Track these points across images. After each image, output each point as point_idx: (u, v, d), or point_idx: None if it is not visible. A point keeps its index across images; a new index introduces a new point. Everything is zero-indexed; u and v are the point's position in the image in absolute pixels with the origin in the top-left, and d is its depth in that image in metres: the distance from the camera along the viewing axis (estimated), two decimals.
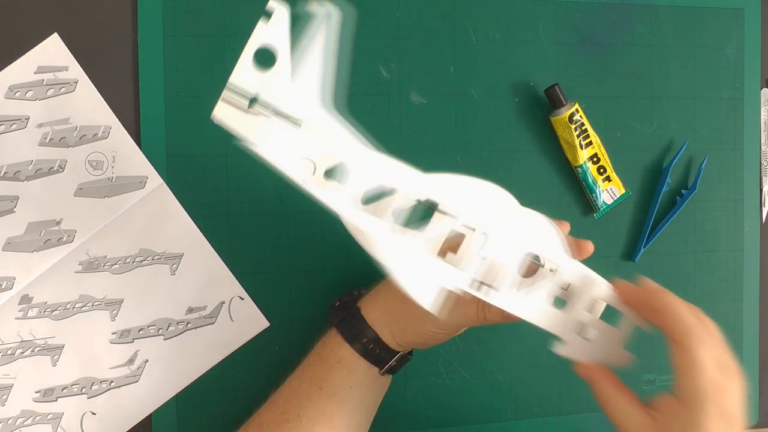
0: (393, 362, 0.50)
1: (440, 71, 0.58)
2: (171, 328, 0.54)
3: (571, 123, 0.58)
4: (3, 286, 0.51)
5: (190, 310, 0.54)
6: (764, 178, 0.65)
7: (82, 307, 0.52)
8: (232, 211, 0.55)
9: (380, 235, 0.39)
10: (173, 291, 0.54)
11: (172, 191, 0.53)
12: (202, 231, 0.54)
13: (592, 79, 0.61)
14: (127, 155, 0.53)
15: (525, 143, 0.60)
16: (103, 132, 0.52)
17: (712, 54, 0.64)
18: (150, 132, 0.53)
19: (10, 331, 0.51)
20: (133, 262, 0.53)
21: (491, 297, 0.42)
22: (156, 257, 0.53)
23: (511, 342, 0.60)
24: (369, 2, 0.57)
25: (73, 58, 0.52)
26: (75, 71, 0.52)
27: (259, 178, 0.55)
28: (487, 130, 0.59)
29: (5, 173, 0.51)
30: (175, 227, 0.53)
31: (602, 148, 0.60)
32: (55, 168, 0.52)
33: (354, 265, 0.57)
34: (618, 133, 0.62)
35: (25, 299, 0.52)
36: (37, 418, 0.52)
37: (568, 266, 0.43)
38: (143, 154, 0.53)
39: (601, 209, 0.61)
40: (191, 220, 0.54)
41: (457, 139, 0.59)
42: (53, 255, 0.52)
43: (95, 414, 0.53)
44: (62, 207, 0.52)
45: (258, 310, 0.55)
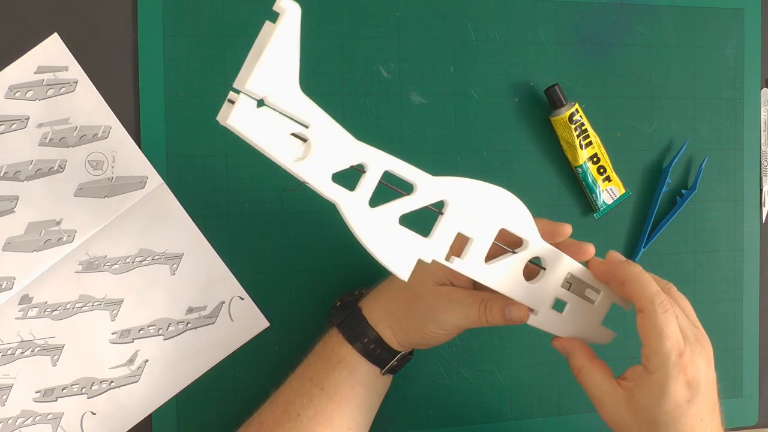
0: (394, 362, 0.50)
1: (440, 71, 0.58)
2: (171, 328, 0.54)
3: (571, 123, 0.58)
4: (3, 286, 0.51)
5: (190, 310, 0.54)
6: (764, 178, 0.66)
7: (82, 307, 0.52)
8: (232, 211, 0.55)
9: (352, 207, 0.40)
10: (173, 291, 0.54)
11: (172, 191, 0.53)
12: (202, 231, 0.54)
13: (592, 79, 0.61)
14: (127, 155, 0.53)
15: (525, 143, 0.60)
16: (103, 132, 0.52)
17: (712, 54, 0.64)
18: (150, 132, 0.53)
19: (10, 331, 0.51)
20: (133, 262, 0.53)
21: (460, 266, 0.43)
22: (156, 257, 0.53)
23: (511, 342, 0.60)
24: (369, 2, 0.57)
25: (73, 58, 0.52)
26: (75, 71, 0.52)
27: (259, 178, 0.55)
28: (487, 130, 0.59)
29: (5, 173, 0.51)
30: (175, 227, 0.53)
31: (602, 148, 0.60)
32: (55, 168, 0.52)
33: (354, 265, 0.57)
34: (618, 133, 0.62)
35: (25, 299, 0.52)
36: (37, 418, 0.52)
37: (539, 242, 0.45)
38: (143, 154, 0.53)
39: (601, 209, 0.61)
40: (191, 220, 0.54)
41: (457, 139, 0.59)
42: (53, 255, 0.52)
43: (95, 414, 0.53)
44: (62, 207, 0.52)
45: (258, 310, 0.55)
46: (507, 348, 0.60)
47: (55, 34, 0.52)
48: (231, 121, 0.35)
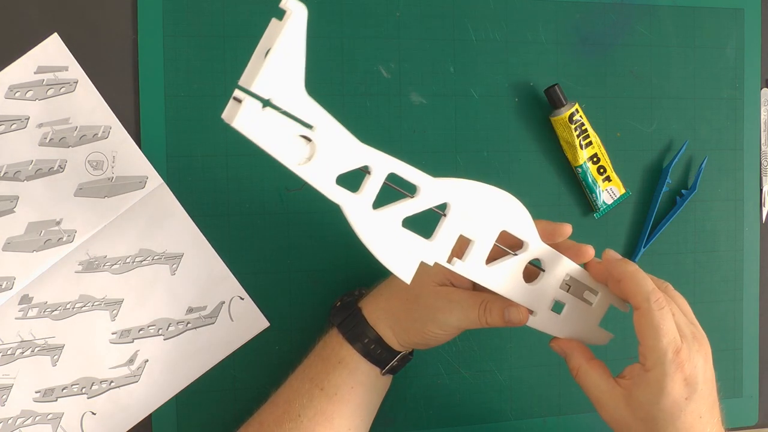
0: (394, 362, 0.50)
1: (440, 71, 0.58)
2: (171, 328, 0.54)
3: (571, 123, 0.58)
4: (3, 286, 0.51)
5: (190, 310, 0.54)
6: (764, 178, 0.66)
7: (82, 307, 0.52)
8: (232, 211, 0.55)
9: (356, 209, 0.40)
10: (173, 291, 0.54)
11: (172, 191, 0.53)
12: (202, 231, 0.54)
13: (592, 79, 0.61)
14: (127, 155, 0.53)
15: (525, 143, 0.60)
16: (103, 132, 0.52)
17: (712, 54, 0.64)
18: (150, 132, 0.53)
19: (10, 331, 0.51)
20: (133, 262, 0.53)
21: (462, 269, 0.43)
22: (156, 257, 0.53)
23: (511, 342, 0.60)
24: (369, 2, 0.57)
25: (73, 58, 0.52)
26: (75, 71, 0.52)
27: (259, 178, 0.55)
28: (487, 130, 0.59)
29: (5, 173, 0.51)
30: (175, 227, 0.53)
31: (602, 148, 0.60)
32: (55, 168, 0.52)
33: (354, 265, 0.57)
34: (618, 133, 0.62)
35: (25, 299, 0.52)
36: (37, 418, 0.52)
37: (538, 244, 0.45)
38: (143, 154, 0.53)
39: (601, 209, 0.61)
40: (191, 220, 0.54)
41: (457, 139, 0.59)
42: (53, 255, 0.52)
43: (95, 414, 0.53)
44: (62, 207, 0.52)
45: (258, 310, 0.55)
46: (507, 348, 0.60)
47: (55, 34, 0.52)
48: (236, 123, 0.35)
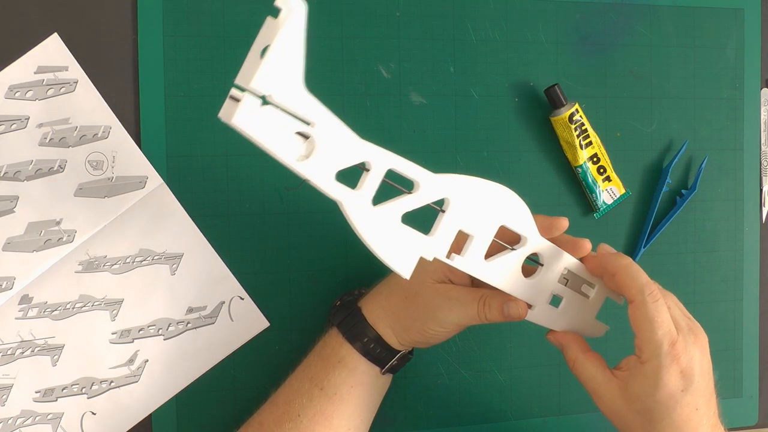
0: (394, 361, 0.50)
1: (440, 71, 0.58)
2: (171, 328, 0.54)
3: (571, 123, 0.58)
4: (3, 286, 0.51)
5: (190, 310, 0.54)
6: (764, 178, 0.66)
7: (82, 307, 0.52)
8: (232, 211, 0.55)
9: (355, 206, 0.39)
10: (173, 291, 0.54)
11: (172, 191, 0.53)
12: (202, 231, 0.54)
13: (592, 79, 0.61)
14: (127, 155, 0.53)
15: (525, 143, 0.60)
16: (103, 132, 0.52)
17: (712, 54, 0.64)
18: (150, 132, 0.53)
19: (10, 331, 0.51)
20: (133, 262, 0.53)
21: (461, 264, 0.44)
22: (156, 257, 0.53)
23: (511, 342, 0.60)
24: (369, 2, 0.57)
25: (73, 58, 0.52)
26: (75, 71, 0.52)
27: (259, 178, 0.55)
28: (487, 130, 0.59)
29: (5, 173, 0.51)
30: (175, 227, 0.53)
31: (602, 148, 0.60)
32: (55, 168, 0.52)
33: (354, 265, 0.57)
34: (618, 133, 0.62)
35: (25, 299, 0.52)
36: (37, 418, 0.52)
37: (537, 239, 0.46)
38: (143, 154, 0.53)
39: (601, 209, 0.61)
40: (191, 220, 0.54)
41: (457, 139, 0.59)
42: (53, 255, 0.52)
43: (95, 414, 0.53)
44: (62, 207, 0.52)
45: (258, 310, 0.55)
46: (507, 348, 0.60)
47: (55, 34, 0.52)
48: (235, 121, 0.35)
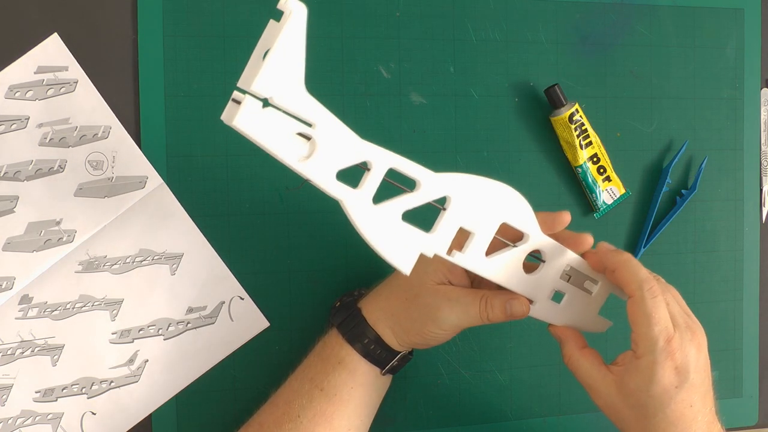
0: (394, 362, 0.50)
1: (440, 71, 0.58)
2: (171, 328, 0.54)
3: (571, 123, 0.58)
4: (3, 286, 0.51)
5: (190, 310, 0.54)
6: (764, 178, 0.66)
7: (82, 307, 0.52)
8: (232, 211, 0.55)
9: (356, 204, 0.40)
10: (173, 291, 0.54)
11: (172, 191, 0.53)
12: (202, 231, 0.54)
13: (592, 79, 0.61)
14: (127, 155, 0.53)
15: (525, 143, 0.60)
16: (103, 132, 0.52)
17: (712, 54, 0.64)
18: (150, 132, 0.53)
19: (10, 331, 0.51)
20: (133, 262, 0.53)
21: (461, 260, 0.44)
22: (156, 257, 0.53)
23: (511, 342, 0.60)
24: (369, 2, 0.57)
25: (73, 58, 0.52)
26: (75, 71, 0.52)
27: (259, 178, 0.55)
28: (487, 130, 0.59)
29: (5, 173, 0.51)
30: (175, 227, 0.53)
31: (602, 148, 0.60)
32: (55, 168, 0.52)
33: (354, 265, 0.57)
34: (618, 133, 0.62)
35: (25, 299, 0.52)
36: (37, 418, 0.52)
37: (539, 236, 0.46)
38: (143, 154, 0.53)
39: (601, 209, 0.61)
40: (191, 220, 0.54)
41: (457, 139, 0.59)
42: (53, 255, 0.52)
43: (95, 414, 0.53)
44: (62, 207, 0.52)
45: (258, 310, 0.55)
46: (507, 348, 0.60)
47: (55, 34, 0.52)
48: (237, 122, 0.35)
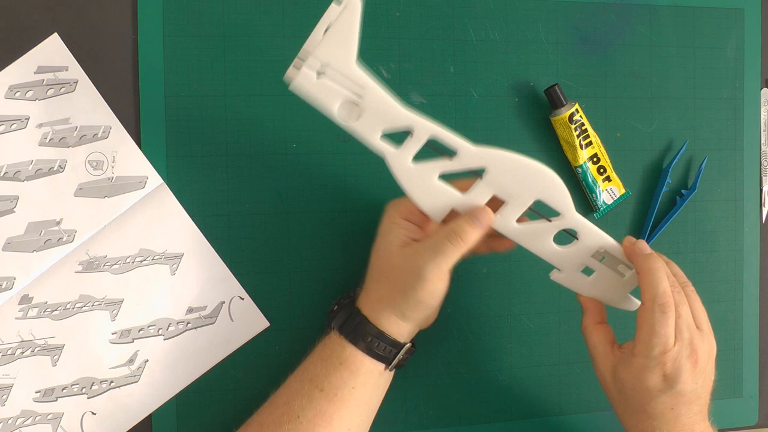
0: (400, 356, 0.50)
1: (440, 71, 0.58)
2: (171, 328, 0.54)
3: (571, 123, 0.58)
4: (3, 286, 0.51)
5: (190, 310, 0.54)
6: (764, 178, 0.66)
7: (82, 307, 0.52)
8: (232, 211, 0.55)
9: (397, 160, 0.45)
10: (173, 291, 0.54)
11: (172, 191, 0.53)
12: (202, 231, 0.54)
13: (592, 79, 0.61)
14: (127, 155, 0.53)
15: (525, 143, 0.60)
16: (103, 132, 0.52)
17: (712, 54, 0.64)
18: (150, 132, 0.53)
19: (10, 331, 0.51)
20: (133, 262, 0.53)
21: (495, 222, 0.47)
22: (156, 257, 0.53)
23: (511, 342, 0.60)
24: (369, 2, 0.57)
25: (73, 58, 0.52)
26: (75, 71, 0.52)
27: (259, 178, 0.55)
28: (487, 130, 0.59)
29: (5, 173, 0.51)
30: (175, 227, 0.53)
31: (602, 148, 0.60)
32: (55, 168, 0.52)
33: (354, 265, 0.57)
34: (618, 133, 0.62)
35: (25, 299, 0.52)
36: (37, 418, 0.52)
37: (575, 216, 0.48)
38: (143, 154, 0.53)
39: (601, 209, 0.61)
40: (191, 220, 0.54)
41: None
42: (53, 255, 0.52)
43: (95, 414, 0.53)
44: (62, 207, 0.52)
45: (258, 310, 0.55)
46: (507, 348, 0.60)
47: (55, 34, 0.52)
48: (293, 85, 0.43)
